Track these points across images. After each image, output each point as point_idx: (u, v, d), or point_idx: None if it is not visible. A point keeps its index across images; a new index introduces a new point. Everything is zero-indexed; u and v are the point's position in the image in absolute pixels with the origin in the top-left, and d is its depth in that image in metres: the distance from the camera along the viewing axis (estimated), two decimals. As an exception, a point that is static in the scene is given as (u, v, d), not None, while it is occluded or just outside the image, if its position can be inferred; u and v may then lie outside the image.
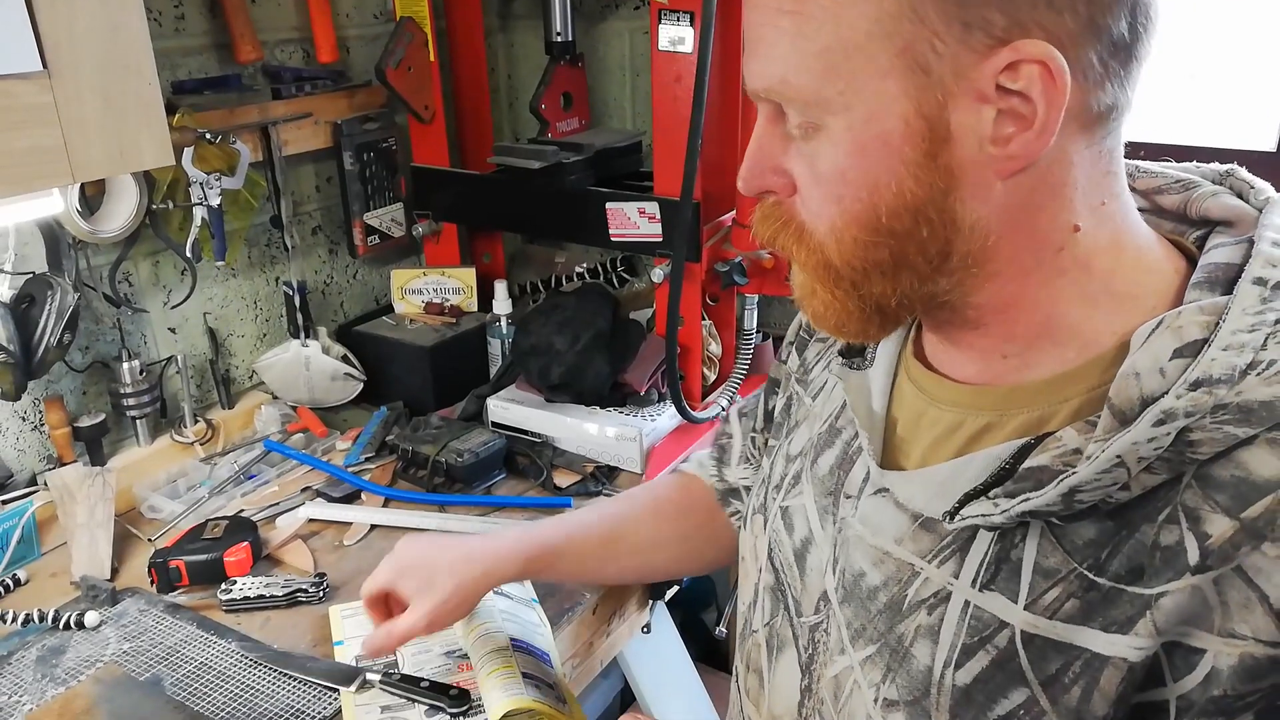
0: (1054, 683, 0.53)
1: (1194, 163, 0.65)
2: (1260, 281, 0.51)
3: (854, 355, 0.72)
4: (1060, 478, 0.51)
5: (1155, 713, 0.51)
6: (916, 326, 0.69)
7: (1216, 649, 0.48)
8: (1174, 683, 0.50)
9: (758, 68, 0.56)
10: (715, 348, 1.56)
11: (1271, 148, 1.35)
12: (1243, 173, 0.62)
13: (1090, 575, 0.52)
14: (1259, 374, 0.48)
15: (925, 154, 0.52)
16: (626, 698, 1.78)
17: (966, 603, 0.57)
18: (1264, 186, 0.60)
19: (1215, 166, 0.64)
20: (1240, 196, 0.60)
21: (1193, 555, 0.49)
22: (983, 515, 0.55)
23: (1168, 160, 0.66)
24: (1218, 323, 0.50)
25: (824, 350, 0.81)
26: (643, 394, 1.48)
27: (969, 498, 0.56)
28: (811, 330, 0.85)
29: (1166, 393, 0.49)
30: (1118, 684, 0.51)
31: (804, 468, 0.74)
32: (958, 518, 0.56)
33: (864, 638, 0.63)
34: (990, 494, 0.55)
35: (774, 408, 0.90)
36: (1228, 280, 0.53)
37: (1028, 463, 0.54)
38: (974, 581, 0.57)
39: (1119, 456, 0.49)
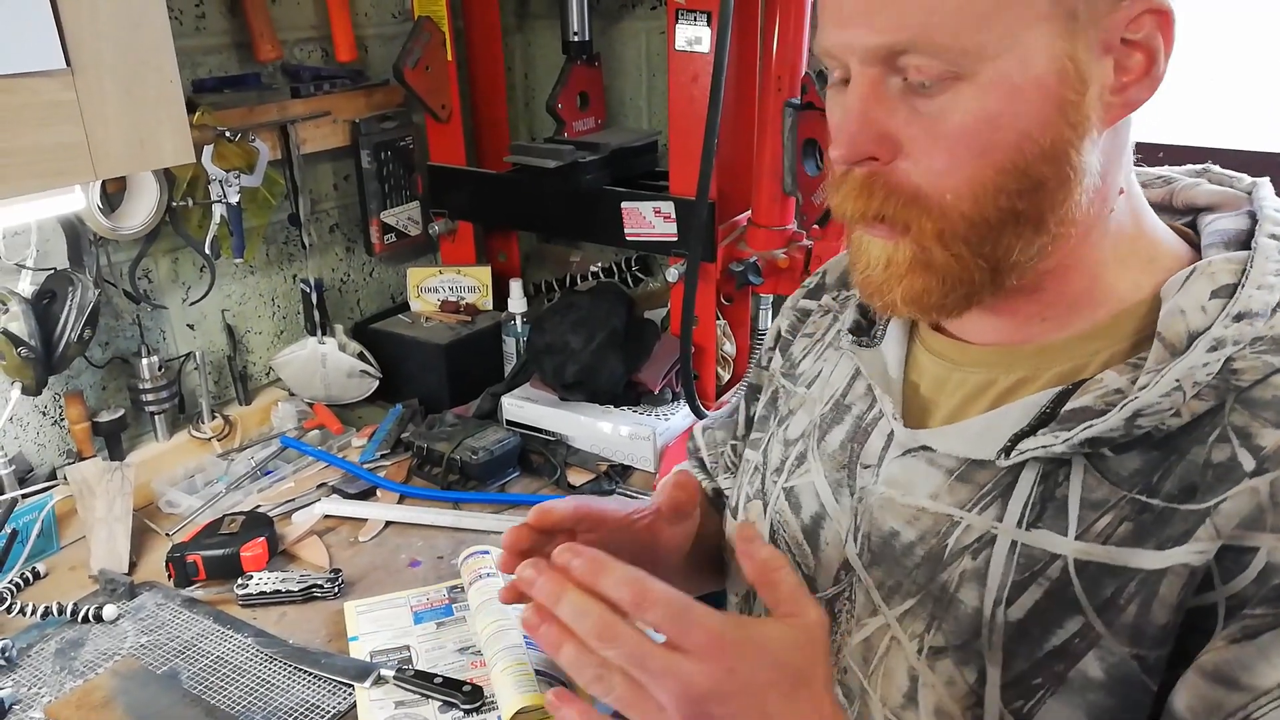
0: (1109, 606, 0.55)
1: (1165, 165, 0.70)
2: (1275, 237, 0.57)
3: (862, 333, 0.73)
4: (1124, 402, 0.54)
5: (1203, 616, 0.53)
6: None
7: (1271, 545, 0.50)
8: (1223, 585, 0.52)
9: (887, 20, 0.54)
10: (729, 347, 1.56)
11: (1293, 150, 1.34)
12: (1218, 168, 0.67)
13: (1143, 499, 0.54)
14: None
15: (1078, 94, 0.54)
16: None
17: (1014, 543, 0.58)
18: (1243, 175, 0.65)
19: (1190, 166, 0.68)
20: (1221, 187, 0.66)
21: (1248, 464, 0.52)
22: (1043, 447, 0.56)
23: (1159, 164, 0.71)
24: (1244, 270, 0.56)
25: (811, 345, 0.82)
26: (657, 393, 1.48)
27: (1018, 438, 0.58)
28: (795, 330, 0.85)
29: (1212, 325, 0.54)
30: (1179, 590, 0.53)
31: (809, 448, 0.74)
32: (1014, 453, 0.58)
33: (900, 593, 0.63)
34: (1037, 433, 0.57)
35: (754, 414, 0.89)
36: (1238, 243, 0.59)
37: (1069, 405, 0.57)
38: (1020, 522, 0.58)
39: (1177, 381, 0.53)
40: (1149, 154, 0.65)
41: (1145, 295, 0.59)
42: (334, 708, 0.97)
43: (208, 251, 1.39)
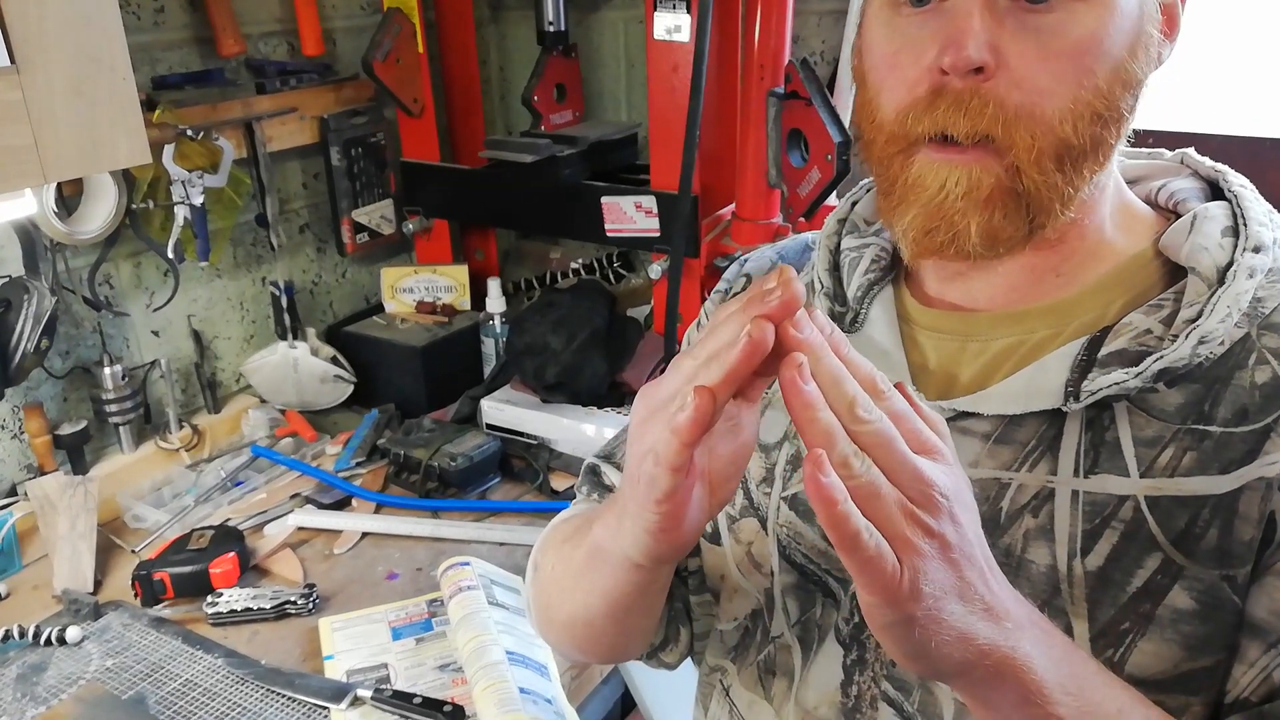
0: (1185, 536, 0.55)
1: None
2: (1243, 187, 0.62)
3: (838, 321, 0.70)
4: (1188, 330, 0.56)
5: (1266, 527, 0.55)
6: (906, 278, 0.70)
7: None
8: (1279, 493, 0.54)
9: None
10: (714, 345, 1.53)
11: (1282, 134, 1.32)
12: (1129, 150, 0.69)
13: (1200, 428, 0.56)
14: None
15: (1153, 31, 0.57)
16: (628, 703, 1.76)
17: (1074, 492, 0.58)
18: (1162, 150, 0.70)
19: None
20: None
21: None
22: (1115, 384, 0.56)
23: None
24: (1234, 213, 0.60)
25: None
26: (641, 393, 1.45)
27: (1074, 384, 0.58)
28: None
29: (1236, 256, 0.57)
30: (1258, 503, 0.54)
31: (801, 449, 0.69)
32: (1084, 395, 0.57)
33: None
34: (1090, 377, 0.57)
35: None
36: (1203, 198, 0.64)
37: (1104, 350, 0.58)
38: (1076, 471, 0.58)
39: (1228, 307, 0.56)
40: (1139, 140, 0.66)
41: (1139, 249, 0.62)
42: (309, 732, 0.93)
43: (171, 255, 1.34)
